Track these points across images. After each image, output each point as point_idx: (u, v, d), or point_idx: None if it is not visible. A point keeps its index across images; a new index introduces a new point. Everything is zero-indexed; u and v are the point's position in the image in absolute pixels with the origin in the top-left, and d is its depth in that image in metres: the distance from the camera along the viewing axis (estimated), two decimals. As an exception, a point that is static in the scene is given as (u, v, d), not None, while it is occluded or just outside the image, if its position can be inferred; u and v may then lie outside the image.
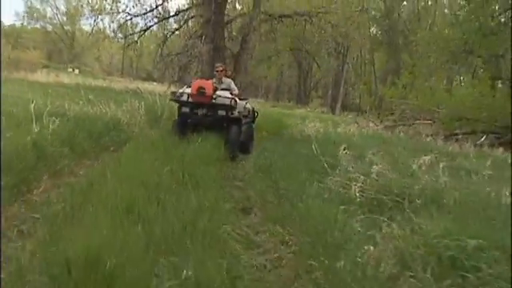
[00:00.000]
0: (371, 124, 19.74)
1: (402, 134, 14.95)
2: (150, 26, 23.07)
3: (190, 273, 2.75)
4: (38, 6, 57.42)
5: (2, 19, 52.09)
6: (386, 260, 3.54)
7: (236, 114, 9.24)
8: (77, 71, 41.72)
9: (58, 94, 11.76)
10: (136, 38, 23.89)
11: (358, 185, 5.26)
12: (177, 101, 9.33)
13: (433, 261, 3.42)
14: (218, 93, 9.09)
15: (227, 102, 8.89)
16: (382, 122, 20.80)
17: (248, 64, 24.56)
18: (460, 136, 15.84)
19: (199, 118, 9.06)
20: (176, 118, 9.68)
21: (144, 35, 24.61)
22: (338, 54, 40.67)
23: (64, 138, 6.73)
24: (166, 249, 3.31)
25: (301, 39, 32.20)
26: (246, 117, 9.88)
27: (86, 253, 2.65)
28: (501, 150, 12.65)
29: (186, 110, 9.18)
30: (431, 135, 15.56)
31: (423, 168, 5.81)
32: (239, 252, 3.89)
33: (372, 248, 3.66)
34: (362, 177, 5.42)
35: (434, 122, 18.32)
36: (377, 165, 5.78)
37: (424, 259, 3.46)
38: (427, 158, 5.92)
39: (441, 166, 5.63)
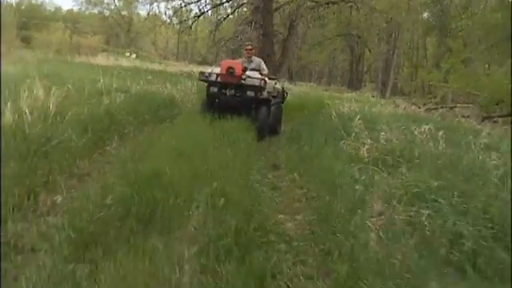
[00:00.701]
0: (413, 106, 20.36)
1: (436, 115, 15.54)
2: (203, 13, 24.28)
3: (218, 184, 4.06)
4: (96, -8, 59.18)
5: (59, 4, 54.00)
6: (372, 197, 4.71)
7: (265, 94, 9.16)
8: (134, 55, 43.39)
9: (119, 75, 13.18)
10: (190, 24, 25.16)
11: (366, 147, 6.37)
12: (205, 80, 9.23)
13: (406, 196, 4.55)
14: (248, 73, 8.99)
15: (256, 82, 8.78)
16: (424, 104, 21.38)
17: (296, 49, 25.57)
18: (496, 118, 16.35)
19: (227, 98, 8.97)
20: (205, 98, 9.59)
21: (198, 20, 25.85)
22: (389, 38, 40.93)
23: (128, 110, 8.09)
24: (206, 178, 4.58)
25: (350, 24, 32.67)
26: (275, 97, 9.80)
27: (151, 170, 4.02)
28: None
29: (214, 90, 9.09)
30: (467, 116, 16.16)
31: (426, 136, 6.79)
32: (264, 191, 5.16)
33: (362, 188, 4.84)
34: (369, 141, 6.52)
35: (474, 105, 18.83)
36: (386, 133, 6.83)
37: (400, 196, 4.59)
38: (427, 126, 6.90)
39: (440, 134, 6.65)
